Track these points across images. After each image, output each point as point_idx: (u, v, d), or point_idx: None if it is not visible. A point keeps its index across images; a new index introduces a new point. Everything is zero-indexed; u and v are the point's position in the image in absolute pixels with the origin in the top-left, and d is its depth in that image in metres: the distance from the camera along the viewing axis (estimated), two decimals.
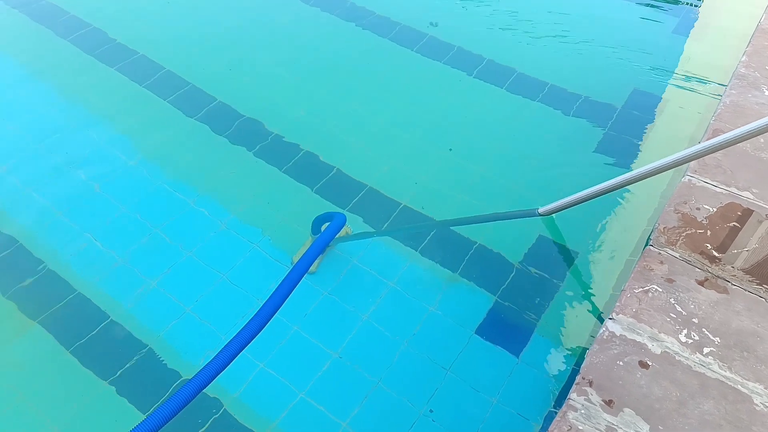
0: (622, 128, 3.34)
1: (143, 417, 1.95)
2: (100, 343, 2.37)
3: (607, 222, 2.88)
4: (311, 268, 2.57)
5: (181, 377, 2.27)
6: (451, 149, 3.20)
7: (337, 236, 2.60)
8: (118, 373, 2.28)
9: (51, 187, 2.91)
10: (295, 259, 2.65)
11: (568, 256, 2.74)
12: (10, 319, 2.42)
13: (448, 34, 3.97)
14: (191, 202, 2.87)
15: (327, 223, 2.62)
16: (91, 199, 2.87)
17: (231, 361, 2.02)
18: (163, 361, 2.32)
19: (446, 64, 3.73)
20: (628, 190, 3.02)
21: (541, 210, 2.76)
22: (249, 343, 2.08)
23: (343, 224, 2.62)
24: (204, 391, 2.19)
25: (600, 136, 3.28)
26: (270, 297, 2.21)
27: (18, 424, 2.16)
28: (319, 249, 2.47)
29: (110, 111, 3.32)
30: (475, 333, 2.45)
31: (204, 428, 2.15)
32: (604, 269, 2.68)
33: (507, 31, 4.05)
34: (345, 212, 2.86)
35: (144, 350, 2.35)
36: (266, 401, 2.24)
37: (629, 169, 3.12)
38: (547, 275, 2.65)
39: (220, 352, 2.03)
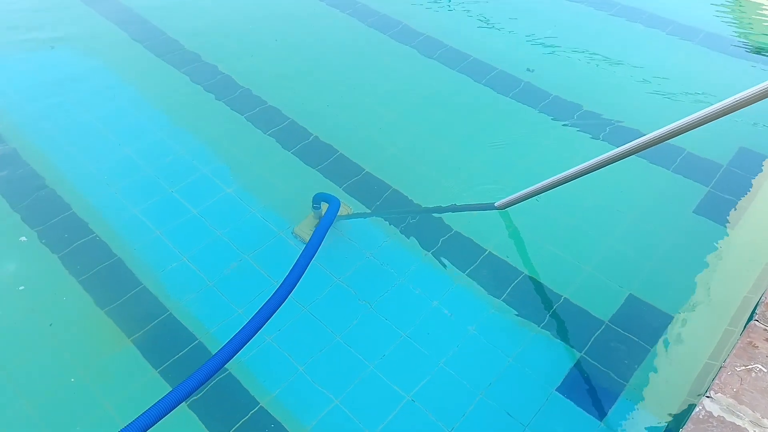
0: (725, 187, 3.17)
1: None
2: (185, 364, 2.46)
3: (704, 283, 2.72)
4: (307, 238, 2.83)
5: (259, 404, 2.32)
6: (538, 199, 3.14)
7: (338, 215, 2.88)
8: (198, 395, 2.35)
9: (154, 207, 3.09)
10: (297, 231, 2.95)
11: (660, 318, 2.60)
12: (107, 331, 2.57)
13: (545, 80, 3.94)
14: (281, 233, 2.96)
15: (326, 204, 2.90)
16: (189, 223, 3.02)
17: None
18: (243, 386, 2.38)
19: (541, 111, 3.69)
20: (727, 248, 2.85)
21: (497, 203, 2.86)
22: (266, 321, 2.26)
23: (338, 208, 2.83)
24: (277, 420, 2.25)
25: (702, 194, 3.12)
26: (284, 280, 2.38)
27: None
28: (323, 233, 2.68)
29: (214, 140, 3.50)
30: (556, 390, 2.35)
31: None
32: (700, 336, 2.52)
33: (604, 80, 3.98)
34: (429, 254, 2.86)
35: (224, 374, 2.42)
36: None
37: (725, 225, 2.97)
38: (636, 337, 2.53)
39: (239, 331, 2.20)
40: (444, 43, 4.31)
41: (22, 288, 2.71)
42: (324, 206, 2.93)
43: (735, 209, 3.05)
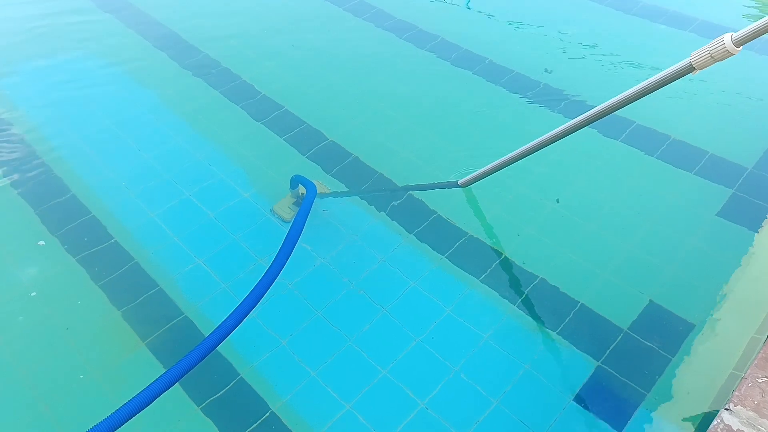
0: (751, 190, 3.08)
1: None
2: (199, 366, 2.45)
3: (729, 289, 2.64)
4: (285, 215, 3.02)
5: (270, 409, 2.30)
6: (558, 200, 3.09)
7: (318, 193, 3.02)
8: (211, 399, 2.35)
9: (171, 211, 3.11)
10: (276, 208, 3.06)
11: (682, 326, 2.52)
12: (123, 334, 2.58)
13: (562, 81, 3.88)
14: None
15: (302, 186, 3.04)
16: (205, 227, 3.02)
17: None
18: (254, 391, 2.37)
19: (559, 112, 3.63)
20: (753, 252, 2.77)
21: (461, 181, 2.96)
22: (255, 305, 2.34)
23: (315, 193, 2.95)
24: (289, 426, 2.24)
25: (726, 197, 3.04)
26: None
27: None
28: (304, 217, 2.78)
29: (232, 145, 3.52)
30: (573, 399, 2.30)
31: None
32: (724, 345, 2.45)
33: (624, 79, 3.90)
34: (443, 258, 2.82)
35: (236, 378, 2.41)
36: None
37: (750, 229, 2.88)
38: (656, 345, 2.46)
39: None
40: (459, 46, 4.27)
41: (34, 294, 2.74)
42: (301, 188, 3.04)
43: (761, 213, 2.96)
